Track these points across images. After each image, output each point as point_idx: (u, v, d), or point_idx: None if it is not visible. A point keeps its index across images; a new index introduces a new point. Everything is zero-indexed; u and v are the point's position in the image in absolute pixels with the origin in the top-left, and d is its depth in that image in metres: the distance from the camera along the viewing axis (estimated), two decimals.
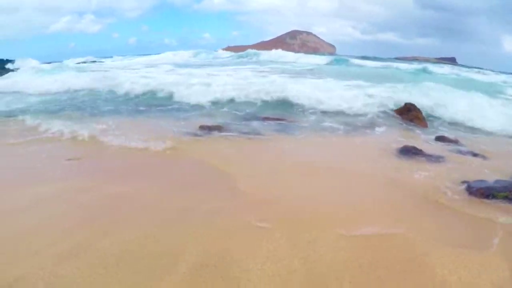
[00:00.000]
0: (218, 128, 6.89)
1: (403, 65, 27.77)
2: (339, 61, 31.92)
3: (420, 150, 5.58)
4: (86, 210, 3.62)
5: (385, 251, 2.84)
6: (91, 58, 46.85)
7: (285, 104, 9.48)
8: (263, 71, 18.33)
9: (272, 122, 7.66)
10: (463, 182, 4.40)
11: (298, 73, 17.18)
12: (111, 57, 50.56)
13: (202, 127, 6.84)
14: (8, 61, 47.09)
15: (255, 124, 7.51)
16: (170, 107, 9.42)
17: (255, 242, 2.92)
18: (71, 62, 43.88)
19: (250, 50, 39.63)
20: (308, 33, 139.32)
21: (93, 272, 2.60)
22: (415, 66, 27.19)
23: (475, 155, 5.79)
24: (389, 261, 2.68)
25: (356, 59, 35.62)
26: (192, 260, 2.71)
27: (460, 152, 5.94)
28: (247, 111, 8.90)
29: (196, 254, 2.78)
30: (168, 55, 45.53)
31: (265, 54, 36.37)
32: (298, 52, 64.39)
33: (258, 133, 6.78)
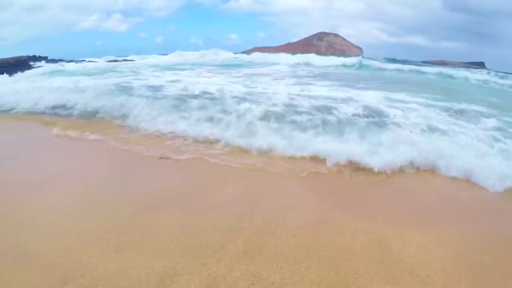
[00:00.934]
0: None
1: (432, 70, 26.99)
2: (366, 65, 30.95)
3: None
4: (217, 209, 3.87)
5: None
6: (111, 57, 48.93)
7: None
8: (299, 75, 18.11)
9: None
10: None
11: (339, 80, 16.78)
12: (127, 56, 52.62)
13: None
14: (41, 57, 48.37)
15: None
16: None
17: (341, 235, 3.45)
18: (102, 61, 46.13)
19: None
20: (335, 35, 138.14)
21: (273, 269, 2.82)
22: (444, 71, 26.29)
23: None
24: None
25: (390, 63, 34.82)
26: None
27: None
28: None
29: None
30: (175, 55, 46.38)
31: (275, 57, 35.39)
32: (325, 54, 63.48)
33: None
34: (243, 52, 66.25)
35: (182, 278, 2.67)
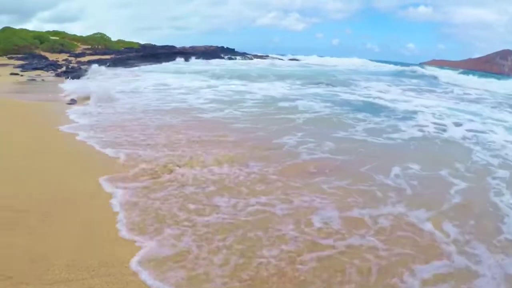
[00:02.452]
0: None
1: None
2: None
3: None
4: None
5: None
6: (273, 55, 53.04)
7: None
8: None
9: None
10: None
11: None
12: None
13: None
14: (228, 49, 52.43)
15: None
16: None
17: None
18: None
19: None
20: None
21: None
22: None
23: None
24: None
25: None
26: None
27: None
28: None
29: None
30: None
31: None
32: (508, 75, 56.00)
33: None
34: (420, 64, 62.71)
35: None
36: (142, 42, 49.94)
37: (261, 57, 53.60)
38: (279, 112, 9.81)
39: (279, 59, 52.40)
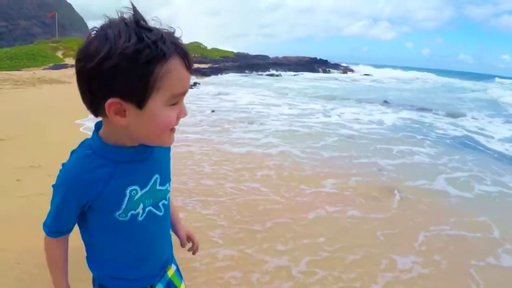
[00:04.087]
0: None
1: None
2: None
3: None
4: None
5: None
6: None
7: None
8: None
9: None
10: None
11: None
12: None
13: None
14: (321, 60, 49.45)
15: None
16: None
17: None
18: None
19: None
20: None
21: None
22: None
23: None
24: None
25: None
26: None
27: None
28: None
29: None
30: None
31: None
32: None
33: None
34: None
35: None
36: (230, 48, 51.05)
37: (352, 70, 50.60)
38: (361, 154, 7.13)
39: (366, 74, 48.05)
